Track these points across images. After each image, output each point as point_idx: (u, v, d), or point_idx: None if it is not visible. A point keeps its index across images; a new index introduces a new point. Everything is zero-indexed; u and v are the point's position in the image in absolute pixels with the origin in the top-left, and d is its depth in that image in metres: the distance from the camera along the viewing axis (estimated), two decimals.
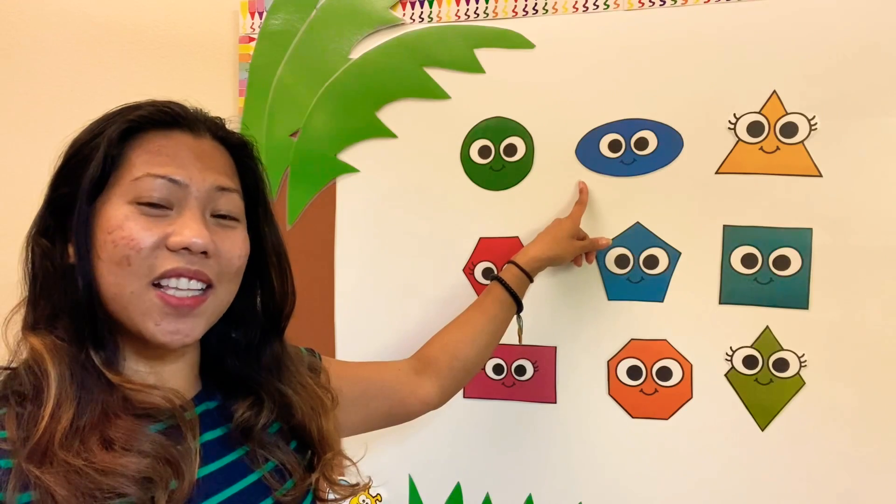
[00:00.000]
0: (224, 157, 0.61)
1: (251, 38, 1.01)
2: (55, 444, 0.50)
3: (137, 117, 0.59)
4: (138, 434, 0.53)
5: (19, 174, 1.10)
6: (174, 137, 0.59)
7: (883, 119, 0.83)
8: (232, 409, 0.63)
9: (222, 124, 0.64)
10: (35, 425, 0.51)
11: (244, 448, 0.62)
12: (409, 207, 0.98)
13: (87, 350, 0.56)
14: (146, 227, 0.55)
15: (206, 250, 0.55)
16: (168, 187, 0.56)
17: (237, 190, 0.60)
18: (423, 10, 0.96)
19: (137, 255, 0.54)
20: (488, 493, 0.97)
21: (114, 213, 0.55)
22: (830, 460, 0.86)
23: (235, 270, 0.59)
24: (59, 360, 0.54)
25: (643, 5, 0.89)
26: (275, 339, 0.67)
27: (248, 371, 0.65)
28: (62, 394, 0.53)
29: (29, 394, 0.53)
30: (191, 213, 0.56)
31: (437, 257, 0.98)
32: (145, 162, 0.57)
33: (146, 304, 0.55)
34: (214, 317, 0.60)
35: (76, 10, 1.08)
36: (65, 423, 0.51)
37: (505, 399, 0.96)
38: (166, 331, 0.56)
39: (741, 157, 0.87)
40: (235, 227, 0.60)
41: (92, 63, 1.08)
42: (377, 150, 0.99)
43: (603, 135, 0.92)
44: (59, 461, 0.50)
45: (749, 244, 0.87)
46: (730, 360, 0.89)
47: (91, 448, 0.51)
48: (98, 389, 0.54)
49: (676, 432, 0.90)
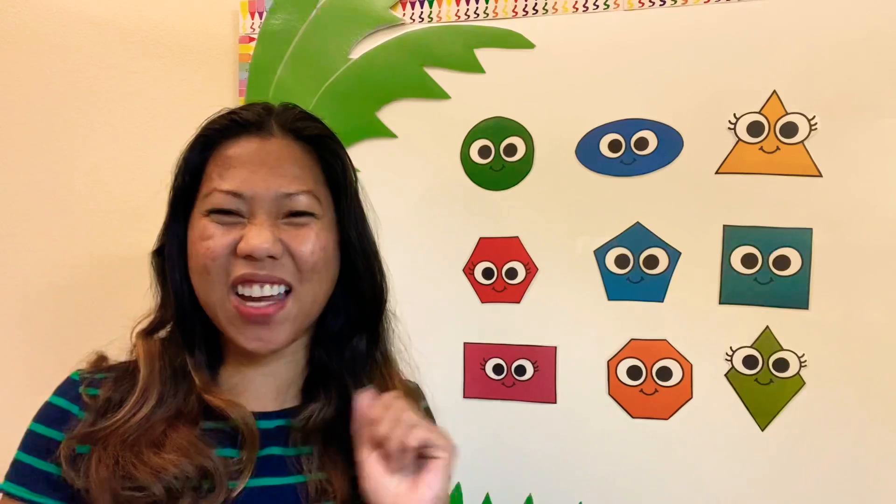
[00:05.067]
0: (297, 153, 0.61)
1: (251, 38, 1.01)
2: (119, 432, 0.56)
3: (208, 130, 0.61)
4: (193, 445, 0.56)
5: (19, 174, 1.10)
6: (242, 145, 0.60)
7: (883, 119, 0.83)
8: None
9: (296, 116, 0.63)
10: (118, 410, 0.58)
11: (305, 454, 0.61)
12: (409, 207, 0.98)
13: (186, 354, 0.61)
14: (219, 236, 0.57)
15: (272, 255, 0.56)
16: (235, 200, 0.57)
17: (308, 189, 0.60)
18: (423, 10, 0.96)
19: (213, 264, 0.57)
20: (488, 493, 0.97)
21: (195, 224, 0.59)
22: (830, 460, 0.85)
23: (312, 267, 0.59)
24: (151, 363, 0.60)
25: (643, 5, 0.89)
26: (362, 333, 0.66)
27: (330, 362, 0.65)
28: (147, 390, 0.59)
29: (130, 379, 0.60)
30: (257, 221, 0.57)
31: (437, 257, 0.98)
32: (217, 176, 0.59)
33: (228, 312, 0.58)
34: (302, 320, 0.60)
35: (76, 9, 1.08)
36: (140, 416, 0.57)
37: (505, 399, 0.96)
38: (249, 338, 0.58)
39: (741, 157, 0.87)
40: (309, 224, 0.59)
41: (92, 63, 1.08)
42: (377, 150, 0.99)
43: (603, 135, 0.92)
44: (112, 445, 0.55)
45: (749, 244, 0.87)
46: (730, 360, 0.89)
47: (141, 447, 0.55)
48: (182, 391, 0.59)
49: (676, 432, 0.90)
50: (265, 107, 0.63)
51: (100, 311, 1.07)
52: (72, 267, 1.09)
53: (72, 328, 1.08)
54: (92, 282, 1.08)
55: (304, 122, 0.63)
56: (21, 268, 1.10)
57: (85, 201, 1.08)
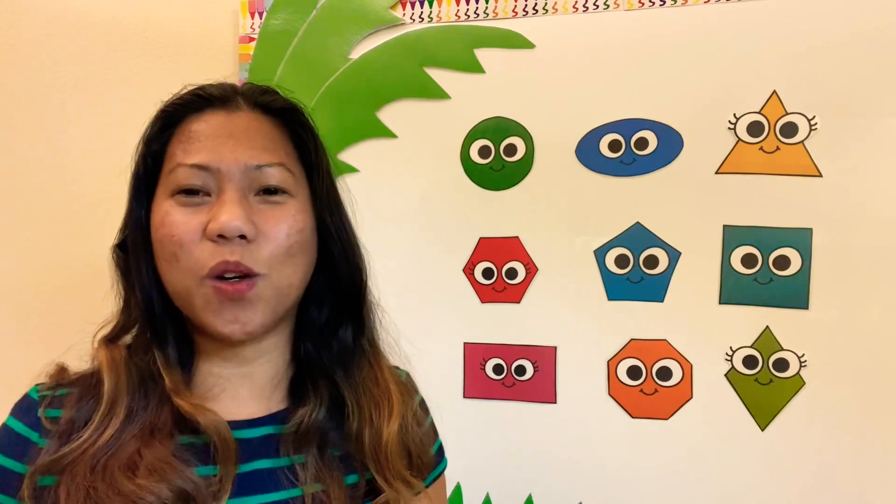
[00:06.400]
0: (265, 127, 0.57)
1: (251, 38, 1.01)
2: (85, 457, 0.51)
3: (170, 106, 0.57)
4: (168, 464, 0.51)
5: (19, 174, 1.10)
6: (206, 119, 0.55)
7: (883, 119, 0.83)
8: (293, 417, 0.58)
9: (261, 90, 0.59)
10: (81, 428, 0.52)
11: (298, 464, 0.56)
12: (409, 207, 0.98)
13: (155, 352, 0.56)
14: (185, 219, 0.52)
15: (243, 233, 0.51)
16: (201, 175, 0.53)
17: (280, 162, 0.55)
18: (423, 10, 0.96)
19: (182, 251, 0.52)
20: (488, 493, 0.97)
21: (157, 209, 0.54)
22: (830, 460, 0.86)
23: (286, 250, 0.54)
24: (116, 372, 0.55)
25: (643, 5, 0.89)
26: (347, 322, 0.62)
27: (319, 356, 0.60)
28: (114, 404, 0.53)
29: (94, 393, 0.55)
30: (226, 197, 0.52)
31: (437, 257, 0.98)
32: (181, 151, 0.54)
33: (203, 296, 0.53)
34: (277, 303, 0.55)
35: (76, 9, 1.08)
36: (107, 435, 0.52)
37: (505, 399, 0.96)
38: (226, 320, 0.53)
39: (741, 157, 0.87)
40: (284, 203, 0.55)
41: (92, 63, 1.08)
42: (377, 150, 0.99)
43: (603, 135, 0.92)
44: (80, 473, 0.50)
45: (749, 244, 0.87)
46: (730, 360, 0.89)
47: (113, 472, 0.50)
48: (154, 401, 0.54)
49: (676, 432, 0.90)
50: (231, 84, 0.59)
51: (100, 312, 1.07)
52: (72, 267, 1.09)
53: (71, 328, 1.08)
54: (92, 282, 1.08)
55: (271, 96, 0.59)
56: (21, 268, 1.10)
57: (83, 200, 1.08)
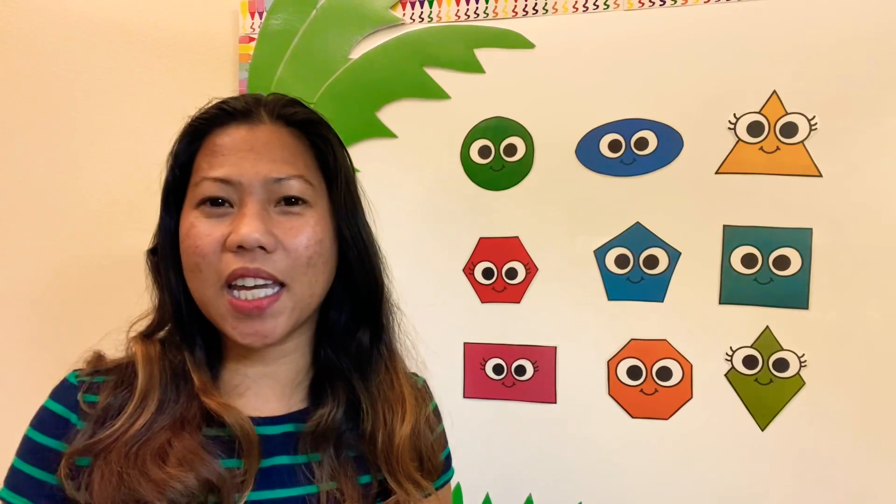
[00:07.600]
0: (286, 139, 0.59)
1: (251, 38, 1.01)
2: (119, 443, 0.54)
3: (196, 121, 0.60)
4: (197, 455, 0.54)
5: (19, 174, 1.10)
6: (230, 133, 0.58)
7: (883, 119, 0.83)
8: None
9: (283, 102, 0.61)
10: (117, 417, 0.55)
11: (315, 462, 0.59)
12: (409, 207, 0.98)
13: (185, 353, 0.59)
14: (208, 231, 0.55)
15: (262, 245, 0.54)
16: (224, 187, 0.55)
17: (299, 174, 0.57)
18: (423, 10, 0.96)
19: (204, 261, 0.55)
20: (488, 493, 0.97)
21: (185, 219, 0.57)
22: (831, 460, 0.86)
23: (307, 261, 0.56)
24: (150, 366, 0.58)
25: (643, 5, 0.89)
26: (365, 326, 0.64)
27: (337, 359, 0.63)
28: (146, 396, 0.56)
29: (129, 382, 0.58)
30: (246, 210, 0.55)
31: (437, 257, 0.98)
32: (206, 164, 0.57)
33: (221, 308, 0.56)
34: (299, 313, 0.58)
35: (76, 9, 1.08)
36: (139, 424, 0.55)
37: (505, 399, 0.96)
38: (244, 333, 0.55)
39: (741, 157, 0.87)
40: (303, 214, 0.57)
41: (92, 63, 1.08)
42: (377, 150, 0.99)
43: (603, 135, 0.92)
44: (114, 459, 0.53)
45: (749, 244, 0.87)
46: (730, 360, 0.89)
47: (144, 459, 0.53)
48: (184, 395, 0.57)
49: (676, 432, 0.90)
50: (255, 96, 0.62)
51: (99, 312, 1.07)
52: (71, 267, 1.09)
53: (71, 328, 1.08)
54: (92, 282, 1.08)
55: (292, 108, 0.61)
56: (20, 268, 1.10)
57: (85, 201, 1.08)
